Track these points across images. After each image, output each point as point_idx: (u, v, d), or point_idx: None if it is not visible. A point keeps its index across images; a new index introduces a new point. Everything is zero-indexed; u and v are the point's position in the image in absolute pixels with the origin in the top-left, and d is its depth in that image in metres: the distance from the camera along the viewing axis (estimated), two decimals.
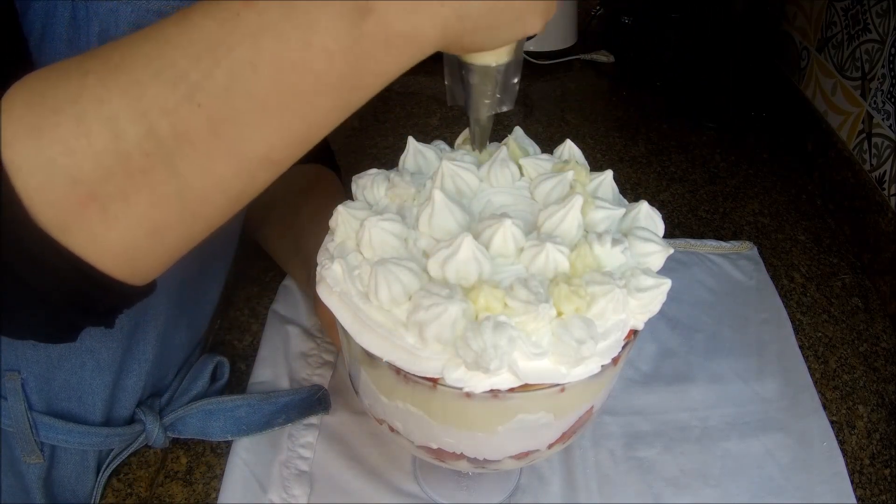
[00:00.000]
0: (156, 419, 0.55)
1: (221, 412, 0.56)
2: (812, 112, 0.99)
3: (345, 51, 0.31)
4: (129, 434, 0.55)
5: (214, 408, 0.56)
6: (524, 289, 0.35)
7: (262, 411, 0.57)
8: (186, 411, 0.56)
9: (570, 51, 1.24)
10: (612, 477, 0.56)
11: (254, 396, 0.58)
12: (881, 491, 0.57)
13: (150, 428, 0.55)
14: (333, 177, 0.74)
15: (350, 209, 0.41)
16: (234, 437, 0.56)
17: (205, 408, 0.56)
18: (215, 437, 0.56)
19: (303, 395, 0.59)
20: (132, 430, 0.55)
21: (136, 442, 0.55)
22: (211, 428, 0.56)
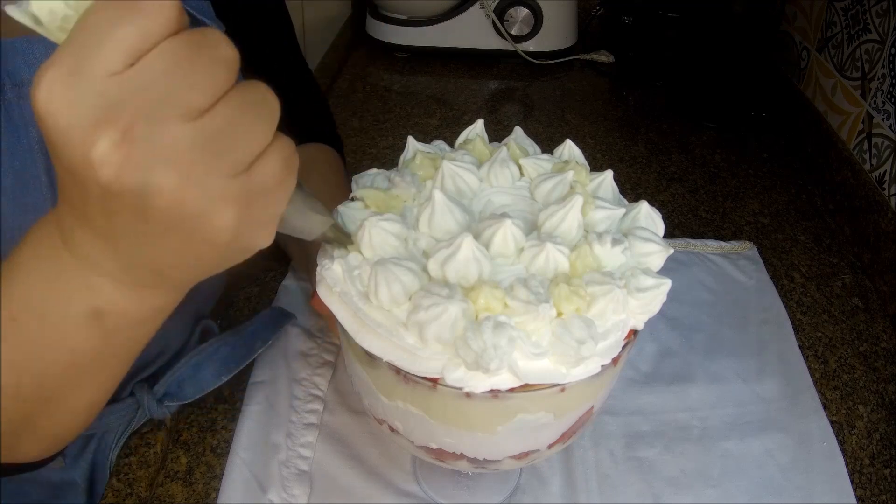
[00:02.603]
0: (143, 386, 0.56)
1: (206, 360, 0.57)
2: (812, 112, 0.99)
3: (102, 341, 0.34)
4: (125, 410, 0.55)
5: (199, 358, 0.57)
6: (524, 289, 0.35)
7: (241, 343, 0.59)
8: (174, 373, 0.56)
9: (570, 51, 1.24)
10: (612, 477, 0.56)
11: (223, 335, 0.59)
12: (881, 491, 0.57)
13: (140, 397, 0.56)
14: (332, 155, 0.74)
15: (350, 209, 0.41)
16: (227, 376, 0.57)
17: (189, 362, 0.57)
18: (211, 385, 0.57)
19: (265, 317, 0.62)
20: (126, 405, 0.55)
21: (136, 416, 0.56)
22: (203, 378, 0.57)
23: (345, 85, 1.16)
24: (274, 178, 0.29)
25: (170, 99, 0.25)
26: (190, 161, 0.26)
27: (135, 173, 0.25)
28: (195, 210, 0.27)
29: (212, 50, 0.26)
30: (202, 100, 0.26)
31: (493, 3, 1.15)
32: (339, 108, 1.08)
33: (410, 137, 0.47)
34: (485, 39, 1.20)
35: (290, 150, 0.30)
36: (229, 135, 0.27)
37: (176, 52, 0.25)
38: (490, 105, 1.13)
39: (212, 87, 0.26)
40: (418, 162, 0.45)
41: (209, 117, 0.26)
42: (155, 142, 0.25)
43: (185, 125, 0.26)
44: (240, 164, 0.27)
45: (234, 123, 0.27)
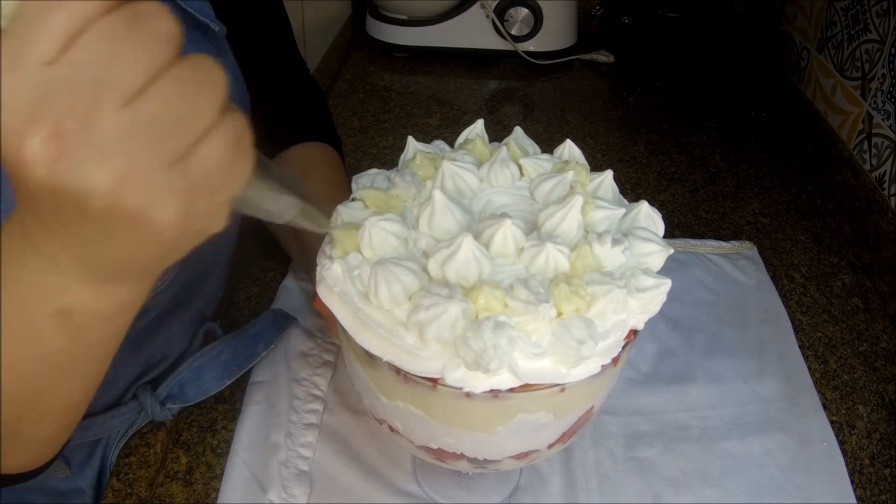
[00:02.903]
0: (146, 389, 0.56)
1: (209, 363, 0.57)
2: (812, 112, 0.99)
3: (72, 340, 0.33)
4: (128, 413, 0.55)
5: (201, 362, 0.57)
6: (524, 289, 0.35)
7: (242, 345, 0.59)
8: (177, 376, 0.56)
9: (570, 51, 1.24)
10: (612, 477, 0.56)
11: (226, 337, 0.59)
12: (881, 491, 0.57)
13: (143, 400, 0.55)
14: (331, 153, 0.73)
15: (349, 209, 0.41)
16: (229, 380, 0.57)
17: (192, 365, 0.57)
18: (213, 389, 0.57)
19: (267, 319, 0.62)
20: (129, 408, 0.55)
21: (139, 419, 0.56)
22: (206, 382, 0.57)
23: (345, 85, 1.16)
24: (219, 163, 0.27)
25: (101, 85, 0.23)
26: (124, 153, 0.24)
27: (68, 171, 0.24)
28: (134, 207, 0.25)
29: (146, 25, 0.24)
30: (135, 82, 0.24)
31: (493, 3, 1.15)
32: (339, 108, 1.08)
33: (410, 137, 0.47)
34: (485, 39, 1.20)
35: (238, 128, 0.27)
36: (166, 119, 0.25)
37: (107, 33, 0.23)
38: (490, 105, 1.13)
39: (145, 66, 0.24)
40: (418, 162, 0.45)
41: (142, 101, 0.24)
42: (87, 135, 0.24)
43: (117, 113, 0.24)
44: (178, 151, 0.25)
45: (172, 105, 0.25)
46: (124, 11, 0.24)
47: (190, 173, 0.26)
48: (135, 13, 0.24)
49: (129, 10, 0.24)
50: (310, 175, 0.69)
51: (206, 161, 0.26)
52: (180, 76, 0.25)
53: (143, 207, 0.25)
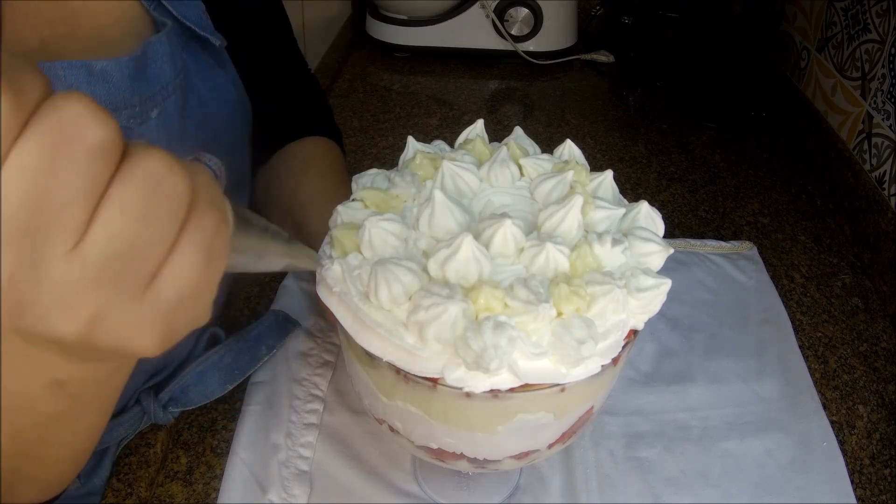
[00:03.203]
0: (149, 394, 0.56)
1: (211, 368, 0.57)
2: (812, 112, 0.99)
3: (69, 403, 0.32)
4: (133, 418, 0.55)
5: (204, 366, 0.57)
6: (524, 289, 0.35)
7: (245, 350, 0.59)
8: (180, 381, 0.56)
9: (570, 51, 1.24)
10: (612, 477, 0.56)
11: (228, 341, 0.59)
12: (881, 491, 0.57)
13: (146, 405, 0.55)
14: (332, 148, 0.73)
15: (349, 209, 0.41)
16: (231, 385, 0.57)
17: (195, 370, 0.57)
18: (216, 394, 0.57)
19: (269, 322, 0.62)
20: (133, 414, 0.55)
21: (141, 422, 0.56)
22: (209, 386, 0.57)
23: (345, 85, 1.16)
24: (190, 278, 0.24)
25: (41, 229, 0.20)
26: (85, 300, 0.22)
27: (31, 323, 0.22)
28: (112, 345, 0.23)
29: (74, 140, 0.20)
30: (79, 216, 0.21)
31: (493, 3, 1.15)
32: (339, 108, 1.08)
33: (410, 137, 0.47)
34: (485, 39, 1.20)
35: (210, 230, 0.24)
36: (121, 252, 0.22)
37: (28, 167, 0.20)
38: (490, 105, 1.13)
39: (86, 193, 0.21)
40: (418, 162, 0.45)
41: (91, 239, 0.21)
42: (42, 286, 0.21)
43: (67, 257, 0.21)
44: (144, 280, 0.23)
45: (124, 235, 0.22)
46: (41, 130, 0.20)
47: (163, 297, 0.23)
48: (55, 127, 0.20)
49: (47, 128, 0.20)
50: (311, 169, 0.69)
51: (175, 282, 0.23)
52: (128, 198, 0.21)
53: (119, 343, 0.23)
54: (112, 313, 0.22)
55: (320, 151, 0.71)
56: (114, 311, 0.22)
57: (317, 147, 0.72)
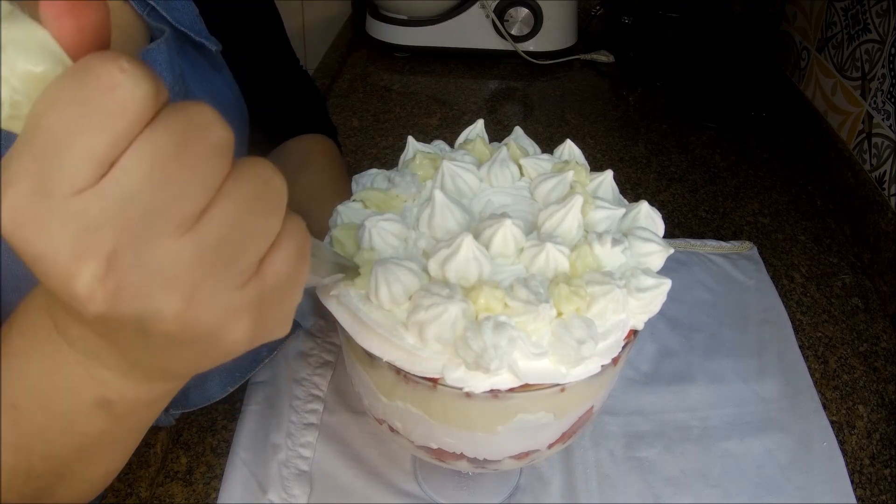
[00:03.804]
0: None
1: (212, 371, 0.57)
2: (812, 112, 0.99)
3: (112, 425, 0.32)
4: None
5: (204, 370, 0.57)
6: (524, 289, 0.35)
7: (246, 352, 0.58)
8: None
9: (570, 51, 1.24)
10: (612, 477, 0.56)
11: None
12: (881, 491, 0.57)
13: None
14: (329, 145, 0.73)
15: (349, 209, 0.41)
16: (233, 387, 0.57)
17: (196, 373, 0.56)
18: (217, 396, 0.57)
19: None
20: None
21: None
22: (210, 388, 0.57)
23: (345, 85, 1.16)
24: (288, 274, 0.25)
25: (156, 212, 0.21)
26: (191, 280, 0.22)
27: (129, 303, 0.22)
28: (205, 329, 0.24)
29: (201, 137, 0.21)
30: (196, 205, 0.22)
31: (493, 3, 1.15)
32: (339, 108, 1.08)
33: (410, 137, 0.47)
34: (485, 39, 1.20)
35: (302, 233, 0.25)
36: (233, 239, 0.23)
37: (157, 152, 0.21)
38: (490, 105, 1.13)
39: (205, 186, 0.22)
40: (418, 162, 0.45)
41: (207, 225, 0.22)
42: (147, 267, 0.21)
43: (179, 240, 0.22)
44: (248, 271, 0.24)
45: (237, 224, 0.23)
46: (173, 124, 0.21)
47: (260, 289, 0.24)
48: (186, 122, 0.21)
49: (178, 121, 0.21)
50: (309, 167, 0.69)
51: (275, 275, 0.25)
52: (242, 192, 0.23)
53: (213, 329, 0.24)
54: (213, 297, 0.23)
55: (317, 148, 0.71)
56: (216, 295, 0.23)
57: (313, 144, 0.71)
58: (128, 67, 0.20)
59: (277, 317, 0.26)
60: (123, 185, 0.20)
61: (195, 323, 0.23)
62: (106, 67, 0.20)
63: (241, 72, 0.58)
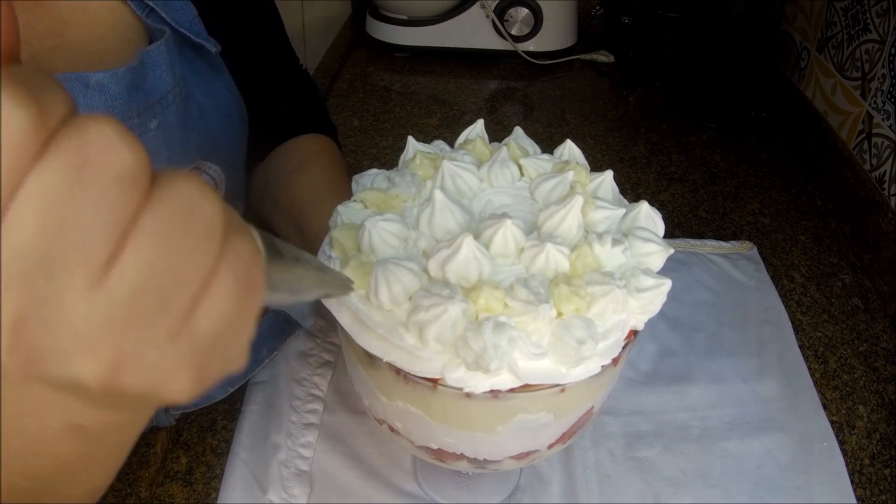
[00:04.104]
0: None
1: None
2: (812, 112, 0.99)
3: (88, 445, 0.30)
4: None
5: None
6: (524, 289, 0.35)
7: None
8: None
9: (570, 51, 1.24)
10: (612, 477, 0.56)
11: None
12: (881, 491, 0.57)
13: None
14: (328, 144, 0.73)
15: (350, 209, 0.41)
16: (233, 388, 0.57)
17: None
18: (217, 396, 0.57)
19: (269, 324, 0.61)
20: None
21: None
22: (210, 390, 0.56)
23: (345, 85, 1.16)
24: (229, 313, 0.21)
25: (57, 264, 0.18)
26: (109, 340, 0.19)
27: (46, 371, 0.19)
28: (137, 391, 0.20)
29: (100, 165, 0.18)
30: (101, 250, 0.18)
31: (493, 3, 1.15)
32: (339, 108, 1.08)
33: (410, 137, 0.47)
34: (485, 39, 1.20)
35: (246, 258, 0.21)
36: (153, 286, 0.19)
37: (47, 192, 0.17)
38: (490, 105, 1.13)
39: (110, 226, 0.18)
40: (418, 162, 0.45)
41: (119, 272, 0.18)
42: (56, 330, 0.18)
43: (88, 294, 0.18)
44: (177, 319, 0.20)
45: (157, 267, 0.19)
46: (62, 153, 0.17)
47: (198, 336, 0.21)
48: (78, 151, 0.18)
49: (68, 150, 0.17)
50: (309, 167, 0.68)
51: (213, 318, 0.21)
52: (161, 227, 0.19)
53: (147, 389, 0.21)
54: (140, 355, 0.20)
55: (317, 148, 0.71)
56: (142, 353, 0.20)
57: (313, 144, 0.71)
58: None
59: (227, 357, 0.23)
60: (14, 238, 0.17)
61: (125, 385, 0.20)
62: None
63: (241, 72, 0.58)
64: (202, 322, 0.21)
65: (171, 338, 0.20)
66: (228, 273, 0.21)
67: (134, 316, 0.19)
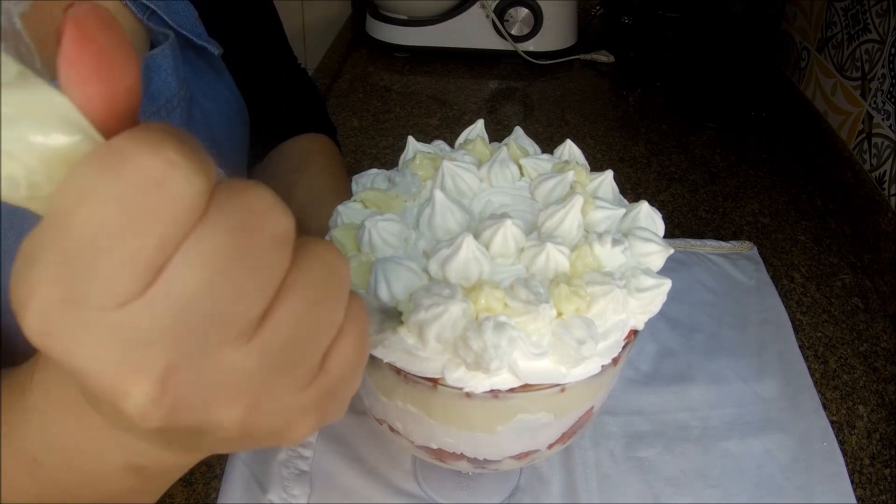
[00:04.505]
0: None
1: None
2: (812, 112, 0.99)
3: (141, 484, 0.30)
4: None
5: None
6: (524, 289, 0.35)
7: None
8: None
9: (570, 51, 1.24)
10: (612, 477, 0.56)
11: None
12: (881, 491, 0.57)
13: None
14: (328, 144, 0.73)
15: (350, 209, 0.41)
16: None
17: None
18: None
19: None
20: None
21: None
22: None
23: (345, 85, 1.16)
24: (352, 363, 0.23)
25: (215, 320, 0.18)
26: (255, 389, 0.20)
27: (187, 418, 0.20)
28: (267, 433, 0.22)
29: (261, 229, 0.19)
30: (258, 308, 0.19)
31: (493, 3, 1.15)
32: (339, 108, 1.08)
33: (410, 137, 0.47)
34: (485, 39, 1.20)
35: (364, 316, 0.23)
36: (299, 339, 0.20)
37: (213, 252, 0.18)
38: (490, 105, 1.13)
39: (268, 285, 0.19)
40: (418, 162, 0.45)
41: (271, 328, 0.20)
42: (206, 381, 0.19)
43: (242, 349, 0.19)
44: (313, 371, 0.22)
45: (303, 322, 0.20)
46: (228, 216, 0.18)
47: (324, 386, 0.22)
48: (242, 216, 0.18)
49: (233, 214, 0.18)
50: (309, 167, 0.68)
51: (340, 367, 0.23)
52: (307, 286, 0.20)
53: (276, 431, 0.22)
54: (278, 400, 0.21)
55: (316, 148, 0.71)
56: (280, 399, 0.21)
57: (312, 144, 0.71)
58: (175, 159, 0.17)
59: (339, 405, 0.24)
60: (176, 294, 0.18)
61: (257, 429, 0.21)
62: (148, 161, 0.17)
63: (241, 72, 0.58)
64: (332, 370, 0.22)
65: (305, 385, 0.22)
66: (352, 325, 0.23)
67: (278, 367, 0.20)
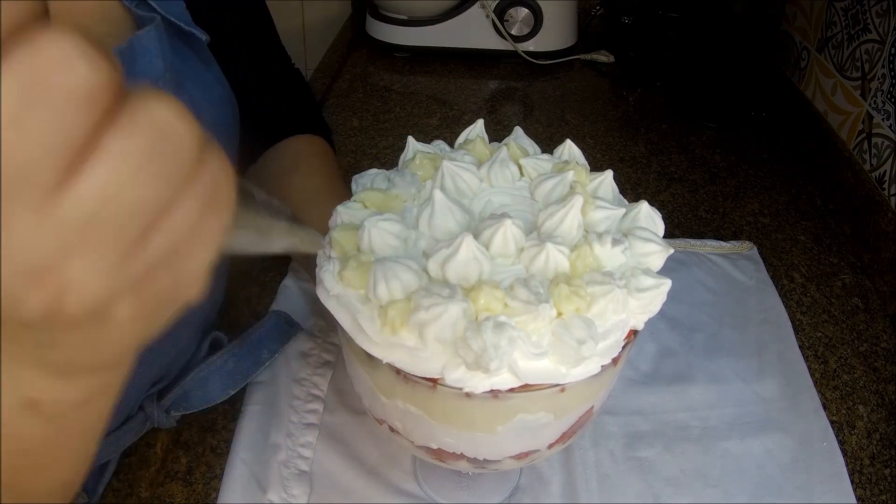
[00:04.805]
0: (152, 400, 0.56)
1: (214, 373, 0.57)
2: (812, 112, 0.99)
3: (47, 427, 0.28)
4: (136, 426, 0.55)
5: (206, 372, 0.57)
6: (524, 289, 0.35)
7: (247, 354, 0.59)
8: (182, 386, 0.56)
9: (570, 51, 1.24)
10: (612, 477, 0.56)
11: (230, 346, 0.59)
12: (881, 491, 0.57)
13: (149, 411, 0.55)
14: (322, 145, 0.73)
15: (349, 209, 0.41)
16: (234, 389, 0.57)
17: (197, 376, 0.56)
18: (218, 398, 0.57)
19: (270, 324, 0.61)
20: (137, 421, 0.55)
21: (144, 428, 0.56)
22: (211, 391, 0.57)
23: (345, 85, 1.16)
24: (188, 229, 0.20)
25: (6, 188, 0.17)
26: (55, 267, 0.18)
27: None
28: (82, 316, 0.20)
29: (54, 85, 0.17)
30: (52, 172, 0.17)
31: (493, 3, 1.15)
32: (339, 108, 1.08)
33: (410, 137, 0.47)
34: (485, 39, 1.20)
35: (214, 174, 0.20)
36: (109, 210, 0.18)
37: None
38: (490, 105, 1.13)
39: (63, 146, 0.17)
40: (418, 162, 0.45)
41: (70, 196, 0.18)
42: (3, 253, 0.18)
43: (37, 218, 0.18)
44: (130, 245, 0.19)
45: (116, 189, 0.18)
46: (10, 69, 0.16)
47: (150, 255, 0.20)
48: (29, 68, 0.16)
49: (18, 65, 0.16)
50: (303, 169, 0.68)
51: (168, 233, 0.20)
52: (121, 148, 0.18)
53: (93, 315, 0.20)
54: (83, 281, 0.19)
55: (310, 150, 0.71)
56: (88, 277, 0.19)
57: (306, 145, 0.71)
58: None
59: (179, 278, 0.21)
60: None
61: (67, 311, 0.19)
62: None
63: (232, 71, 0.58)
64: (155, 241, 0.19)
65: (120, 263, 0.19)
66: (195, 188, 0.20)
67: (84, 242, 0.18)
